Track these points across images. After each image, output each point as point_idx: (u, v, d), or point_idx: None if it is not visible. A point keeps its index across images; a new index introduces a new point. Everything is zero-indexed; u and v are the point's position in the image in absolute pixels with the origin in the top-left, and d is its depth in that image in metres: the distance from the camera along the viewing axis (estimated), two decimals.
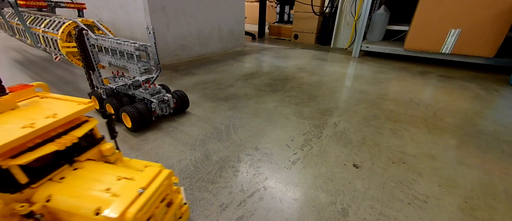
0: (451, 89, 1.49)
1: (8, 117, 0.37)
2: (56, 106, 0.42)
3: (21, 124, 0.34)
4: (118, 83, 1.02)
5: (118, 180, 0.38)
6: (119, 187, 0.37)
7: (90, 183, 0.37)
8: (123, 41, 0.88)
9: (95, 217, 0.33)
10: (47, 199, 0.34)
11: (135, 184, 0.37)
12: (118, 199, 0.34)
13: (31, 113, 0.38)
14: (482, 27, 1.73)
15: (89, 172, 0.40)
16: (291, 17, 3.79)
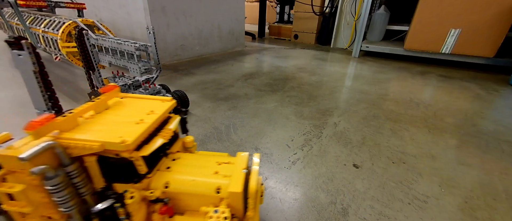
0: (451, 89, 1.49)
1: (111, 116, 0.40)
2: (144, 104, 0.46)
3: (132, 121, 0.38)
4: (118, 83, 1.02)
5: (219, 165, 0.43)
6: (225, 170, 0.41)
7: (198, 169, 0.42)
8: (123, 41, 0.88)
9: (216, 195, 0.38)
10: (165, 186, 0.38)
11: (235, 167, 0.41)
12: (232, 178, 0.38)
13: (130, 111, 0.42)
14: (482, 27, 1.73)
15: (190, 161, 0.44)
16: (291, 17, 3.79)
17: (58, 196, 0.32)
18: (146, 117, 0.40)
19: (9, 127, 0.93)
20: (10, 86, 1.34)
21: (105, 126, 0.37)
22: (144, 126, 0.37)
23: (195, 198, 0.39)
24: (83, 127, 0.36)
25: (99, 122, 0.38)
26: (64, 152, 0.32)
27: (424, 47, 2.01)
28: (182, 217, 0.39)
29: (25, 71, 0.49)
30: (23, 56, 0.47)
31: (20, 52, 0.47)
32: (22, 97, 1.21)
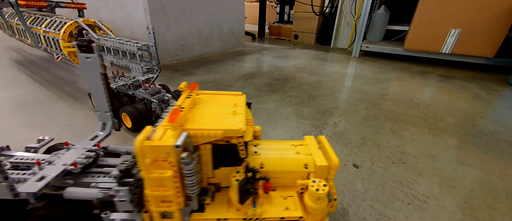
0: (451, 89, 1.50)
1: (206, 109, 0.44)
2: (223, 98, 0.50)
3: (227, 112, 0.43)
4: (118, 83, 1.02)
5: (295, 147, 0.49)
6: (303, 150, 0.48)
7: (281, 151, 0.48)
8: (125, 41, 0.88)
9: (305, 170, 0.44)
10: (260, 166, 0.44)
11: (309, 147, 0.48)
12: (314, 155, 0.46)
13: (218, 105, 0.47)
14: (482, 27, 1.73)
15: (269, 145, 0.49)
16: (291, 17, 3.79)
17: (189, 180, 0.36)
18: (235, 109, 0.45)
19: (9, 127, 0.93)
20: (10, 86, 1.34)
21: (209, 118, 0.41)
22: (242, 116, 0.42)
23: (286, 175, 0.45)
24: (194, 120, 0.40)
25: (202, 114, 0.42)
26: (191, 141, 0.36)
27: (424, 47, 2.01)
28: (276, 192, 0.44)
29: (92, 74, 0.51)
30: (92, 59, 0.49)
31: (89, 55, 0.49)
32: (22, 97, 1.21)
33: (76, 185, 0.48)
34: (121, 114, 0.92)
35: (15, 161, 0.52)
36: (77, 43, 0.48)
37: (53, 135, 0.88)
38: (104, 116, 0.59)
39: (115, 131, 0.61)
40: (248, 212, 0.40)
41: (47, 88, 1.33)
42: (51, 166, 0.47)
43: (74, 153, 0.51)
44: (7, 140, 0.85)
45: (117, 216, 0.43)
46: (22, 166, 0.51)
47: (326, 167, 0.44)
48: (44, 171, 0.45)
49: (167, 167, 0.35)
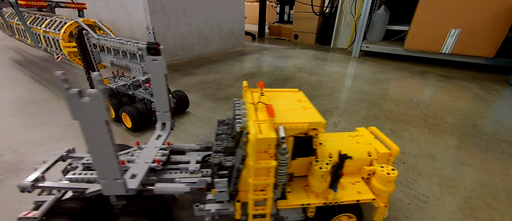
0: (451, 89, 1.50)
1: (279, 105, 0.47)
2: (287, 95, 0.55)
3: (298, 107, 0.48)
4: (118, 83, 1.02)
5: (353, 137, 0.54)
6: (362, 140, 0.53)
7: (342, 142, 0.53)
8: (125, 40, 0.88)
9: (369, 157, 0.50)
10: (329, 156, 0.48)
11: (366, 137, 0.54)
12: (374, 144, 0.52)
13: (286, 101, 0.51)
14: (482, 27, 1.73)
15: (328, 137, 0.54)
16: (291, 17, 3.79)
17: (282, 169, 0.40)
18: (304, 104, 0.50)
19: (9, 127, 0.93)
20: (10, 86, 1.34)
21: (289, 113, 0.44)
22: (314, 110, 0.47)
23: (353, 162, 0.48)
24: (277, 115, 0.42)
25: (279, 110, 0.45)
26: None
27: (424, 47, 2.01)
28: (344, 178, 0.47)
29: (157, 75, 0.53)
30: (158, 61, 0.51)
31: (156, 58, 0.51)
32: (22, 97, 1.21)
33: (160, 181, 0.50)
34: (121, 114, 0.92)
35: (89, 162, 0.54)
36: (146, 47, 0.51)
37: (53, 135, 0.88)
38: (164, 116, 0.60)
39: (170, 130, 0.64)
40: (329, 197, 0.45)
41: (47, 88, 1.33)
42: (135, 165, 0.49)
43: (149, 152, 0.53)
44: (7, 140, 0.85)
45: (212, 207, 0.46)
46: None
47: (387, 154, 0.50)
48: (132, 170, 0.48)
49: (267, 158, 0.39)
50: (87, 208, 0.47)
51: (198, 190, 0.47)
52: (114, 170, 0.38)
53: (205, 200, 0.48)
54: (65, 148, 0.57)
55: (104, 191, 0.41)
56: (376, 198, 0.47)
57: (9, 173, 0.69)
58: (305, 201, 0.45)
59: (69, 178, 0.49)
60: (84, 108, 0.32)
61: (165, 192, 0.48)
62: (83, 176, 0.50)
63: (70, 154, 0.56)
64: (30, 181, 0.46)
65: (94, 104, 0.31)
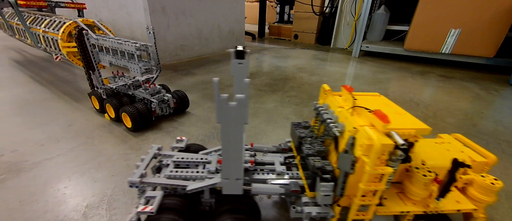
0: (451, 89, 1.49)
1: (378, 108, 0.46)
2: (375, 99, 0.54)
3: (394, 112, 0.47)
4: (118, 83, 1.02)
5: (441, 145, 0.53)
6: (453, 147, 0.52)
7: (433, 149, 0.52)
8: (124, 41, 0.88)
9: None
10: (422, 163, 0.47)
11: (455, 145, 0.53)
12: (468, 152, 0.50)
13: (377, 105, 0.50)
14: (482, 27, 1.73)
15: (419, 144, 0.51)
16: (291, 17, 3.79)
17: (390, 176, 0.40)
18: (395, 109, 0.49)
19: (9, 127, 0.93)
20: (10, 86, 1.34)
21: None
22: (409, 115, 0.46)
23: (446, 170, 0.46)
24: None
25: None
26: None
27: (424, 47, 2.01)
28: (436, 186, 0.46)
29: (240, 78, 0.53)
30: (243, 64, 0.52)
31: (241, 61, 0.51)
32: (22, 97, 1.21)
33: (252, 181, 0.52)
34: (121, 114, 0.92)
35: (182, 160, 0.56)
36: (234, 51, 0.51)
37: (53, 135, 0.88)
38: None
39: None
40: (430, 205, 0.44)
41: (47, 88, 1.33)
42: None
43: None
44: (7, 140, 0.85)
45: (312, 210, 0.46)
46: (192, 165, 0.56)
47: (484, 163, 0.47)
48: None
49: (379, 164, 0.39)
50: (187, 205, 0.48)
51: (293, 192, 0.48)
52: (238, 171, 0.40)
53: (300, 202, 0.48)
54: (155, 146, 0.58)
55: (224, 190, 0.43)
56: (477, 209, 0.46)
57: (9, 173, 0.69)
58: (404, 208, 0.45)
59: (167, 175, 0.51)
60: (230, 111, 0.34)
61: (260, 192, 0.49)
62: (180, 173, 0.51)
63: (160, 152, 0.58)
64: (138, 177, 0.48)
65: (239, 108, 0.34)
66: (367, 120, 0.43)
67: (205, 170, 0.52)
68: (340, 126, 0.45)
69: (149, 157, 0.55)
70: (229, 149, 0.38)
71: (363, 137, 0.39)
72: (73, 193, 0.63)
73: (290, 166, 0.57)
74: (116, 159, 0.76)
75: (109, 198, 0.61)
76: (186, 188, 0.48)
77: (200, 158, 0.56)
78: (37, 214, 0.57)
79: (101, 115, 1.04)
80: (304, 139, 0.53)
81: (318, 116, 0.55)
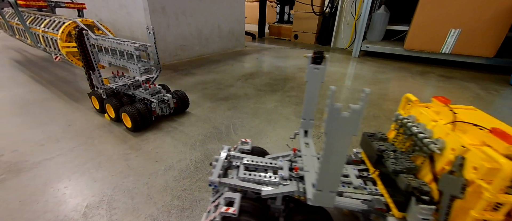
0: (451, 89, 1.49)
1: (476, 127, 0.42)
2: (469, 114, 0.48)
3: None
4: (118, 83, 1.02)
5: None
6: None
7: None
8: (123, 41, 0.88)
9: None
10: None
11: None
12: None
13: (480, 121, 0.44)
14: (482, 27, 1.73)
15: None
16: (291, 17, 3.79)
17: None
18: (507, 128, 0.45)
19: (9, 127, 0.93)
20: (10, 86, 1.34)
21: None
22: None
23: None
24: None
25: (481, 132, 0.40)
26: None
27: (424, 47, 2.01)
28: None
29: (315, 83, 0.53)
30: (320, 70, 0.50)
31: (318, 66, 0.50)
32: (22, 97, 1.21)
33: None
34: (121, 114, 0.92)
35: (251, 163, 0.54)
36: (312, 56, 0.49)
37: (53, 135, 0.88)
38: (308, 123, 0.59)
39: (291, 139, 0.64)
40: None
41: (47, 88, 1.33)
42: (308, 174, 0.48)
43: (311, 161, 0.52)
44: (7, 140, 0.85)
45: None
46: (260, 169, 0.54)
47: None
48: (311, 179, 0.46)
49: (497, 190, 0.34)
50: (261, 209, 0.48)
51: (377, 210, 0.44)
52: (334, 184, 0.39)
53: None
54: (226, 147, 0.58)
55: (314, 201, 0.41)
56: None
57: (9, 173, 0.69)
58: None
59: (241, 178, 0.50)
60: (341, 122, 0.32)
61: (342, 206, 0.46)
62: (253, 177, 0.50)
63: (230, 153, 0.57)
64: (217, 177, 0.48)
65: (352, 119, 0.32)
66: (476, 138, 0.38)
67: (278, 176, 0.50)
68: (440, 142, 0.41)
69: (222, 157, 0.54)
70: (331, 160, 0.36)
71: (478, 158, 0.35)
72: (73, 193, 0.63)
73: (365, 180, 0.53)
74: (116, 159, 0.76)
75: (109, 198, 0.61)
76: (261, 193, 0.47)
77: (269, 163, 0.54)
78: (37, 214, 0.57)
79: (101, 115, 1.04)
80: (385, 152, 0.49)
81: (400, 128, 0.50)
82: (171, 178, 0.69)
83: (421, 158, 0.45)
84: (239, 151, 0.60)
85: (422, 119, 0.48)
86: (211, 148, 0.83)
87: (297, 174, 0.49)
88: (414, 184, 0.40)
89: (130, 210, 0.58)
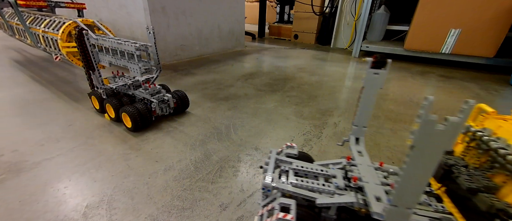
0: (451, 89, 1.49)
1: None
2: None
3: None
4: (118, 83, 1.02)
5: None
6: None
7: None
8: (123, 41, 0.88)
9: None
10: None
11: None
12: None
13: None
14: (482, 27, 1.73)
15: None
16: (291, 17, 3.79)
17: None
18: None
19: (9, 127, 0.93)
20: (10, 86, 1.34)
21: None
22: None
23: None
24: None
25: None
26: None
27: (424, 47, 2.01)
28: None
29: (373, 89, 0.50)
30: (380, 74, 0.48)
31: (378, 71, 0.48)
32: (22, 97, 1.21)
33: None
34: (121, 114, 0.92)
35: (301, 169, 0.51)
36: (373, 61, 0.47)
37: (53, 135, 0.88)
38: (360, 130, 0.57)
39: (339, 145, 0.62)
40: None
41: (47, 88, 1.33)
42: (368, 185, 0.46)
43: (368, 170, 0.49)
44: (7, 140, 0.85)
45: None
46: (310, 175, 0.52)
47: None
48: (372, 191, 0.44)
49: None
50: (314, 218, 0.46)
51: None
52: (414, 200, 0.36)
53: None
54: (274, 150, 0.55)
55: (386, 217, 0.38)
56: None
57: (9, 173, 0.69)
58: None
59: (293, 183, 0.47)
60: (435, 135, 0.30)
61: None
62: (306, 183, 0.48)
63: (278, 157, 0.55)
64: (271, 181, 0.46)
65: (448, 133, 0.29)
66: None
67: (332, 185, 0.48)
68: None
69: (273, 161, 0.52)
70: (414, 175, 0.33)
71: None
72: (73, 193, 0.63)
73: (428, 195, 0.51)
74: (116, 159, 0.76)
75: (109, 198, 0.61)
76: (316, 201, 0.45)
77: (319, 170, 0.51)
78: (37, 214, 0.57)
79: (101, 115, 1.04)
80: (454, 167, 0.45)
81: (473, 141, 0.47)
82: (171, 178, 0.69)
83: (501, 176, 0.41)
84: (284, 155, 0.57)
85: (501, 133, 0.44)
86: (211, 148, 0.83)
87: (356, 184, 0.46)
88: (499, 205, 0.36)
89: (130, 210, 0.58)
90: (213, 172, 0.71)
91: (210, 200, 0.61)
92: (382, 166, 0.51)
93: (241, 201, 0.62)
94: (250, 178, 0.69)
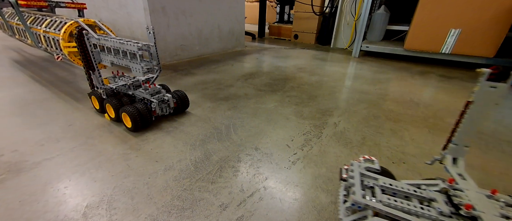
0: (451, 89, 1.49)
1: None
2: None
3: None
4: (118, 83, 1.03)
5: None
6: None
7: None
8: (125, 41, 0.88)
9: None
10: None
11: None
12: None
13: None
14: (482, 27, 1.73)
15: None
16: (291, 17, 3.79)
17: None
18: None
19: (9, 127, 0.93)
20: (10, 86, 1.34)
21: None
22: None
23: None
24: None
25: None
26: None
27: (424, 47, 2.01)
28: None
29: (485, 105, 0.43)
30: (498, 89, 0.42)
31: (496, 84, 0.42)
32: (22, 97, 1.21)
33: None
34: (121, 114, 0.92)
35: (389, 186, 0.47)
36: (494, 72, 0.41)
37: (53, 135, 0.88)
38: (461, 150, 0.51)
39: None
40: None
41: (47, 88, 1.33)
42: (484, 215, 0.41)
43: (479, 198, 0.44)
44: (7, 140, 0.85)
45: None
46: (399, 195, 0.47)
47: None
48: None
49: None
50: None
51: None
52: None
53: None
54: (356, 163, 0.51)
55: None
56: None
57: (9, 173, 0.69)
58: None
59: (385, 203, 0.43)
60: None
61: None
62: (400, 204, 0.43)
63: (361, 172, 0.51)
64: (363, 198, 0.43)
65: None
66: None
67: (431, 209, 0.43)
68: None
69: (358, 175, 0.48)
70: None
71: None
72: (73, 193, 0.63)
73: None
74: (116, 159, 0.76)
75: (109, 198, 0.61)
76: None
77: (412, 190, 0.46)
78: (37, 214, 0.57)
79: (101, 115, 1.04)
80: None
81: None
82: (171, 178, 0.69)
83: None
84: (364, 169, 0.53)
85: None
86: (211, 148, 0.83)
87: (468, 213, 0.40)
88: None
89: (130, 210, 0.58)
90: (213, 172, 0.71)
91: (210, 200, 0.61)
92: (495, 195, 0.44)
93: (241, 201, 0.62)
94: (250, 178, 0.69)
